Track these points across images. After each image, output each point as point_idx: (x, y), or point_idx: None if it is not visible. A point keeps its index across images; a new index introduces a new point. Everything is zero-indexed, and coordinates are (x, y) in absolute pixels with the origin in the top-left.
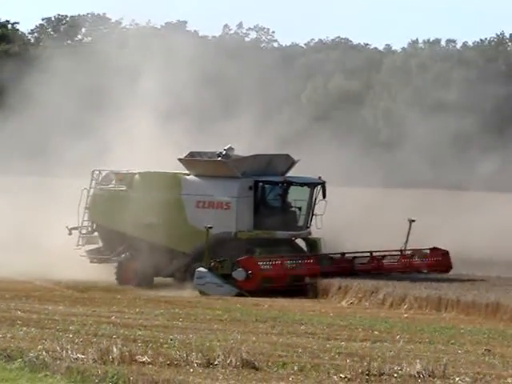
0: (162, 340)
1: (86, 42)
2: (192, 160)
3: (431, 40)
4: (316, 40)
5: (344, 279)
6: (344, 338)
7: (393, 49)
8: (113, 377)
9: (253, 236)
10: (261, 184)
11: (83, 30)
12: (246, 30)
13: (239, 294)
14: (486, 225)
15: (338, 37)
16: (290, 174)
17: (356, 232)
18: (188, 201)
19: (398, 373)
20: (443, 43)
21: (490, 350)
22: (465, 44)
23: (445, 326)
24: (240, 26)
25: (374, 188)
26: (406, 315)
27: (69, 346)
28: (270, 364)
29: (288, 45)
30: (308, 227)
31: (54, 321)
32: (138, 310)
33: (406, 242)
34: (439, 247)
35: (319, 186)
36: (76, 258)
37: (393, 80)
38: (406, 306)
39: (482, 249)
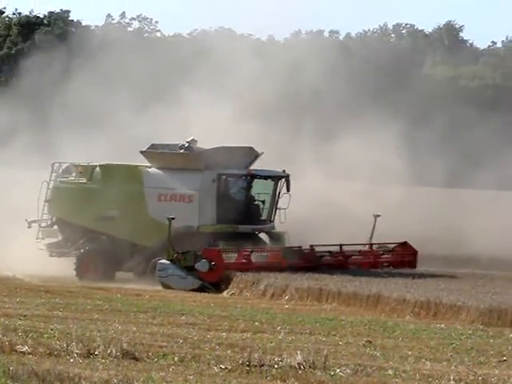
0: (42, 330)
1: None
2: (154, 152)
3: (314, 31)
4: (199, 30)
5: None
6: (225, 329)
7: (276, 39)
8: None
9: (216, 230)
10: (224, 177)
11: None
12: (129, 19)
13: (202, 287)
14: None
15: (222, 27)
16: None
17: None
18: (150, 194)
19: (278, 364)
20: (326, 34)
21: (370, 342)
22: (348, 35)
23: (326, 317)
24: (123, 15)
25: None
26: (287, 306)
27: None
28: (150, 354)
29: (171, 35)
30: (271, 221)
31: None
32: (18, 299)
33: (371, 237)
34: (409, 243)
35: (283, 180)
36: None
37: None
38: (287, 297)
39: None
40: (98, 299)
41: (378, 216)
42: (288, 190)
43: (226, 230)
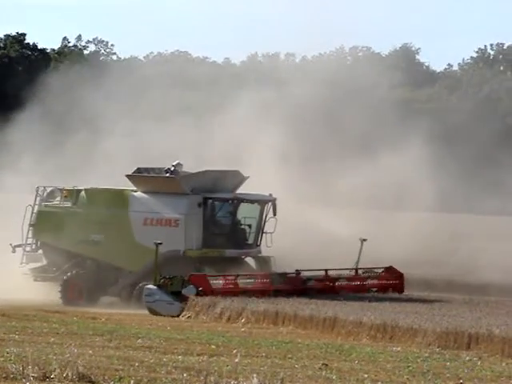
0: None
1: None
2: (140, 176)
3: (271, 54)
4: (155, 53)
5: None
6: (181, 352)
7: (232, 62)
8: None
9: (202, 254)
10: (210, 201)
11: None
12: (86, 42)
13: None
14: None
15: (178, 50)
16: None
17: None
18: (135, 218)
19: None
20: (282, 56)
21: (327, 365)
22: (304, 58)
23: (282, 340)
24: (79, 38)
25: None
26: (243, 329)
27: None
28: (106, 378)
29: (127, 57)
30: (258, 245)
31: None
32: None
33: (358, 261)
34: (395, 267)
35: (270, 203)
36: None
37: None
38: (243, 320)
39: None
40: (55, 322)
41: (365, 240)
42: (274, 213)
43: (212, 254)
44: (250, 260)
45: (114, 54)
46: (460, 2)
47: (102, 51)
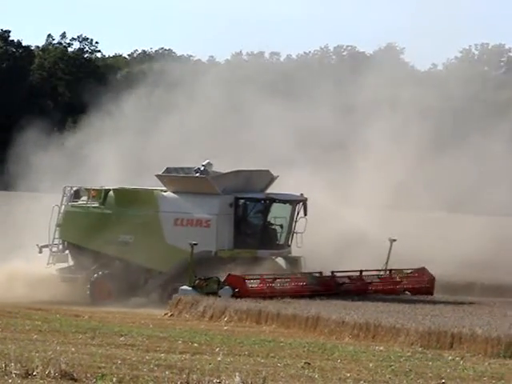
0: None
1: None
2: (170, 176)
3: (255, 52)
4: (140, 51)
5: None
6: (163, 350)
7: (216, 60)
8: None
9: (233, 255)
10: (242, 201)
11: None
12: (70, 40)
13: None
14: None
15: (162, 48)
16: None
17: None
18: (165, 218)
19: None
20: (267, 56)
21: (309, 364)
22: (288, 57)
23: (265, 338)
24: (63, 35)
25: None
26: (226, 328)
27: None
28: (88, 375)
29: (112, 55)
30: (289, 245)
31: None
32: None
33: (387, 262)
34: (427, 268)
35: (301, 203)
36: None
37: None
38: (226, 319)
39: None
40: (37, 320)
41: (394, 240)
42: (305, 213)
43: (243, 255)
44: (280, 260)
45: (99, 51)
46: (444, 2)
47: (87, 48)
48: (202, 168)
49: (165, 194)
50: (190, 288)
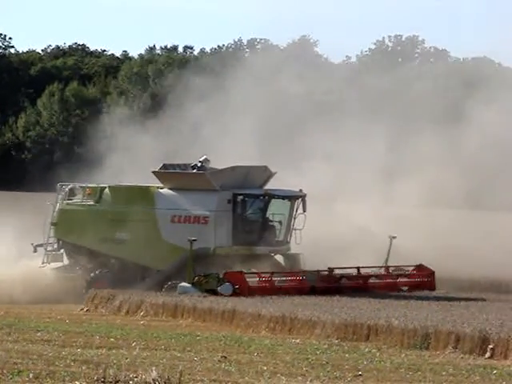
0: None
1: None
2: (166, 172)
3: (169, 46)
4: (53, 46)
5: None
6: (80, 345)
7: (130, 55)
8: None
9: (232, 252)
10: (240, 197)
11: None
12: None
13: None
14: None
15: (76, 43)
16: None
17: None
18: (162, 215)
19: (133, 380)
20: (180, 49)
21: (226, 357)
22: (202, 50)
23: (181, 332)
24: None
25: None
26: (142, 322)
27: None
28: (5, 372)
29: (25, 51)
30: (288, 242)
31: None
32: None
33: (387, 259)
34: (425, 265)
35: (300, 199)
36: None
37: (130, 86)
38: (142, 313)
39: None
40: None
41: (394, 238)
42: (304, 210)
43: (242, 251)
44: (278, 257)
45: (12, 47)
46: None
47: (0, 44)
48: (199, 164)
49: (161, 190)
50: (189, 285)
